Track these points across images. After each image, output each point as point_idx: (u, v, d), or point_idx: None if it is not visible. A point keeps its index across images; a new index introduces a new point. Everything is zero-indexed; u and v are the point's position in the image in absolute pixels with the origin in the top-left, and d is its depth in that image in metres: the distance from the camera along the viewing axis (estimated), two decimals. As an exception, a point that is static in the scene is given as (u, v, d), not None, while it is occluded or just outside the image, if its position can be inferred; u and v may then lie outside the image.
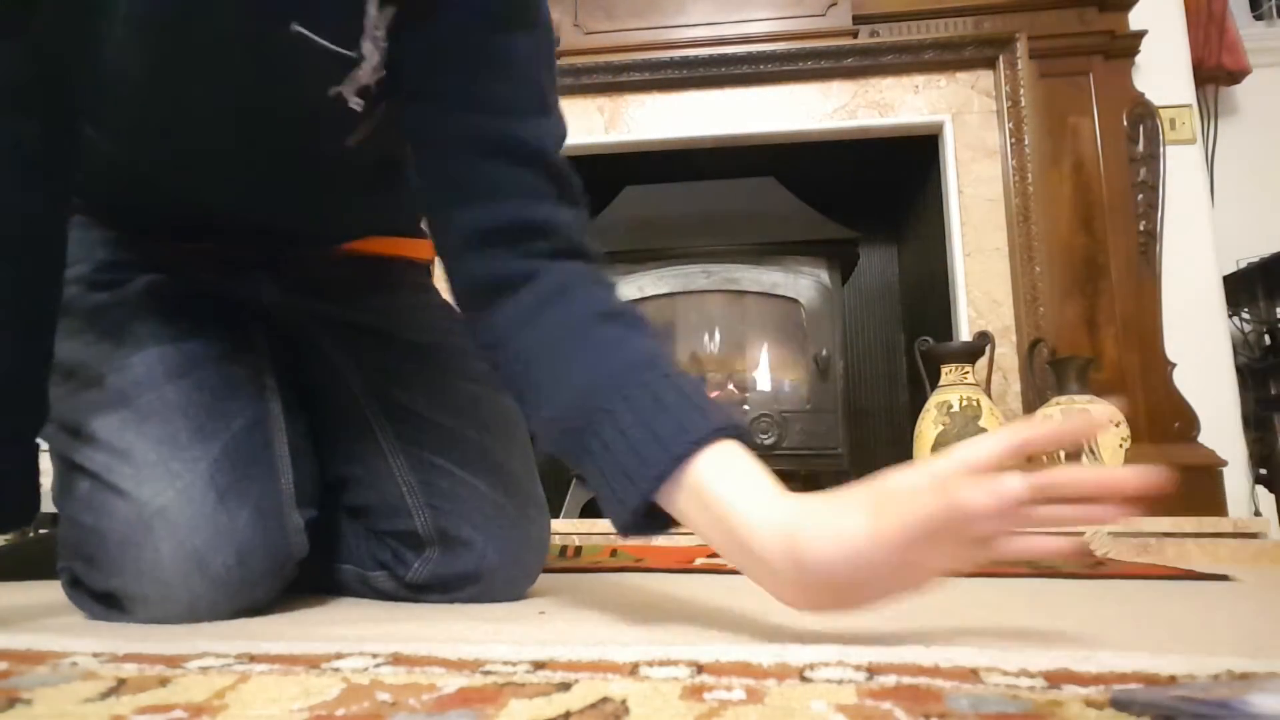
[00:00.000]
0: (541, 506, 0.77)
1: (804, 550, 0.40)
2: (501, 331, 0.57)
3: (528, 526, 0.73)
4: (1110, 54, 1.95)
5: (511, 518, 0.72)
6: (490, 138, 0.58)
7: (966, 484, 0.38)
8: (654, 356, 0.51)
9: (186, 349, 0.68)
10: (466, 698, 0.30)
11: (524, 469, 0.77)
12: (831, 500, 0.42)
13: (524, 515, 0.73)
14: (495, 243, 0.57)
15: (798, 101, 2.02)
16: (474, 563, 0.70)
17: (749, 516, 0.43)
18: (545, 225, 0.57)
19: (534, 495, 0.76)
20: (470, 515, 0.71)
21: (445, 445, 0.74)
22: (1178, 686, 0.30)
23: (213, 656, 0.38)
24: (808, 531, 0.41)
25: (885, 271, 2.52)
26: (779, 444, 1.85)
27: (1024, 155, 1.89)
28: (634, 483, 0.46)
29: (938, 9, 2.01)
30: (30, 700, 0.30)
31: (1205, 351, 1.86)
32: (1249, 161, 2.33)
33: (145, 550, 0.58)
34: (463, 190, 0.59)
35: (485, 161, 0.58)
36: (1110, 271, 1.89)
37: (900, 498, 0.40)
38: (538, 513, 0.75)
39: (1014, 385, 1.86)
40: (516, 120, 0.58)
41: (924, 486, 0.40)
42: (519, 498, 0.74)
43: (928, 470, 0.41)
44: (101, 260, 0.71)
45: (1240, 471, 1.81)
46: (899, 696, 0.29)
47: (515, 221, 0.57)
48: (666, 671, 0.33)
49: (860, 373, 2.47)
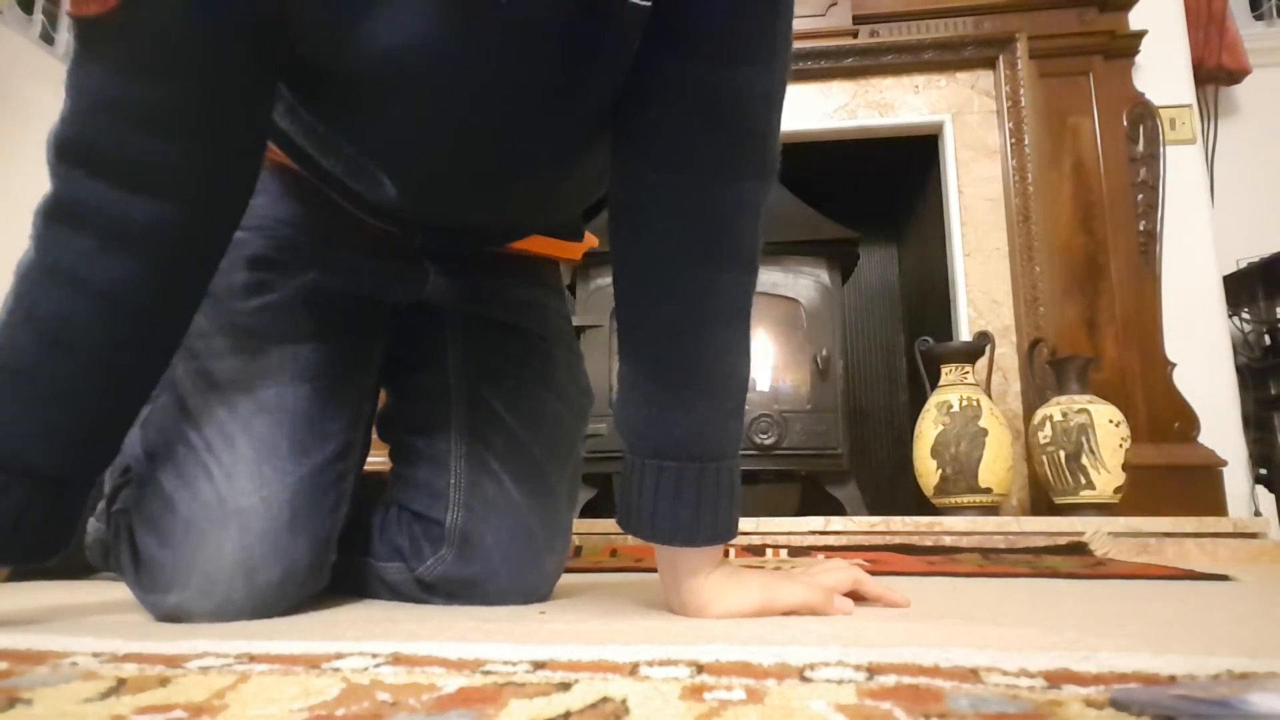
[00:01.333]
0: (567, 538, 0.76)
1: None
2: (643, 332, 0.60)
3: (549, 557, 0.73)
4: (1110, 54, 1.95)
5: (537, 545, 0.71)
6: (693, 85, 0.55)
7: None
8: (711, 450, 0.59)
9: (317, 354, 0.67)
10: (466, 698, 0.30)
11: (567, 498, 0.77)
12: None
13: (549, 546, 0.73)
14: (664, 220, 0.57)
15: (798, 101, 2.02)
16: (485, 575, 0.69)
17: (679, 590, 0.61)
18: (713, 209, 0.57)
19: (564, 526, 0.76)
20: (499, 530, 0.70)
21: (508, 454, 0.73)
22: (1178, 686, 0.30)
23: (213, 656, 0.38)
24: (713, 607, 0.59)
25: (885, 271, 2.52)
26: (779, 444, 1.85)
27: (1024, 155, 1.89)
28: (636, 530, 0.60)
29: (938, 9, 2.01)
30: (30, 700, 0.30)
31: (1205, 351, 1.86)
32: (1249, 161, 2.33)
33: (209, 541, 0.59)
34: (648, 149, 0.57)
35: (679, 118, 0.56)
36: (1110, 271, 1.89)
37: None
38: (562, 545, 0.75)
39: (1014, 385, 1.86)
40: (729, 66, 0.55)
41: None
42: (551, 527, 0.73)
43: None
44: (259, 255, 0.66)
45: (1240, 471, 1.81)
46: (899, 696, 0.29)
47: (687, 201, 0.56)
48: (666, 671, 0.33)
49: (860, 373, 2.47)
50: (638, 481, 0.59)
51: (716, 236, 0.57)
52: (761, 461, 1.85)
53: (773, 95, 0.58)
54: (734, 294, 0.59)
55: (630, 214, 0.59)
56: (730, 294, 0.59)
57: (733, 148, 0.57)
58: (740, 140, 0.57)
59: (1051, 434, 1.62)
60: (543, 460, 0.74)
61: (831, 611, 0.58)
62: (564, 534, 0.76)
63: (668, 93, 0.56)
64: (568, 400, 0.78)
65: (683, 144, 0.56)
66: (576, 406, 0.80)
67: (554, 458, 0.75)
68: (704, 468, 0.58)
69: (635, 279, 0.60)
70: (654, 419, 0.58)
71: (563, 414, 0.78)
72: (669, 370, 0.58)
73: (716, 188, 0.57)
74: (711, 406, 0.58)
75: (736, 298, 0.59)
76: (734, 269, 0.59)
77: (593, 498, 1.88)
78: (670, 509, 0.57)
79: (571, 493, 0.78)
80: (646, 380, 0.59)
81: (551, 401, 0.77)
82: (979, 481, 1.63)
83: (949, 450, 1.65)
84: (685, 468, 0.57)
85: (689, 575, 0.59)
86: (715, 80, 0.55)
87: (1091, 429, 1.58)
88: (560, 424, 0.77)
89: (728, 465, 0.59)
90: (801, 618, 0.56)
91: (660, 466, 0.58)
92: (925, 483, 1.70)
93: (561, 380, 0.79)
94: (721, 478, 0.59)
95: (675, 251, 0.57)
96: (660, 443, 0.58)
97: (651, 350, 0.59)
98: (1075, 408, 1.60)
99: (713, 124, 0.56)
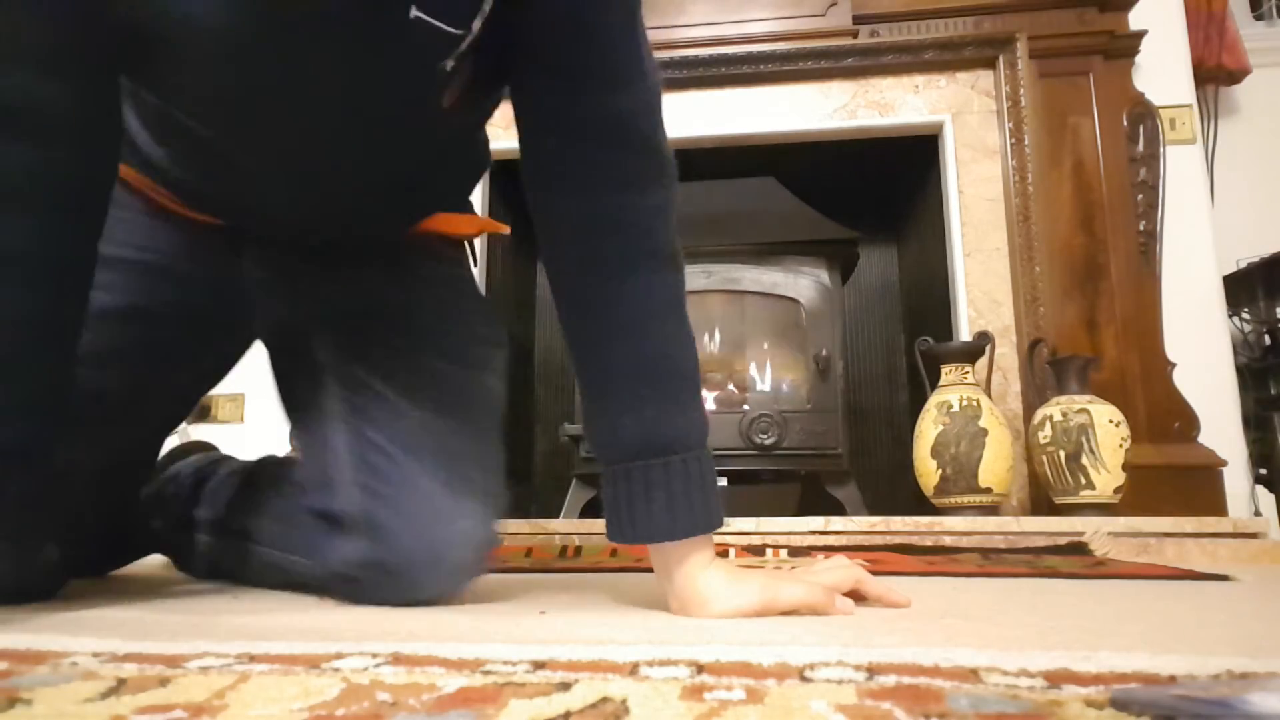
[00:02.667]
0: (486, 498, 0.71)
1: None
2: (582, 345, 0.63)
3: (458, 520, 0.67)
4: (1110, 54, 1.95)
5: (440, 509, 0.67)
6: (582, 115, 0.61)
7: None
8: (669, 444, 0.60)
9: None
10: (466, 697, 0.30)
11: (476, 455, 0.72)
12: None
13: (457, 507, 0.68)
14: (582, 237, 0.62)
15: (798, 101, 2.02)
16: (390, 553, 0.65)
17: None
18: (625, 219, 0.61)
19: (477, 485, 0.70)
20: (396, 501, 0.67)
21: (387, 422, 0.71)
22: (1177, 686, 0.30)
23: (213, 656, 0.38)
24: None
25: (885, 271, 2.52)
26: (779, 444, 1.85)
27: (1024, 155, 1.89)
28: (620, 537, 0.61)
29: (938, 9, 2.01)
30: (30, 700, 0.30)
31: (1205, 351, 1.86)
32: (1249, 161, 2.33)
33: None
34: (557, 175, 0.63)
35: (577, 145, 0.61)
36: (1110, 271, 1.89)
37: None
38: (477, 505, 0.69)
39: (1014, 385, 1.86)
40: (610, 92, 0.61)
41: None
42: (457, 486, 0.69)
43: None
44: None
45: (1240, 471, 1.81)
46: (899, 696, 0.29)
47: (600, 217, 0.61)
48: (666, 671, 0.33)
49: (860, 373, 2.47)
50: (610, 491, 0.61)
51: (635, 244, 0.61)
52: (761, 461, 1.85)
53: (653, 105, 0.64)
54: (663, 293, 0.62)
55: (551, 236, 0.64)
56: (659, 294, 0.61)
57: (632, 162, 0.62)
58: (637, 155, 0.62)
59: (1051, 434, 1.62)
60: (427, 420, 0.72)
61: (833, 611, 0.58)
62: (478, 493, 0.70)
63: (563, 124, 0.62)
64: (454, 353, 0.77)
65: (586, 167, 0.62)
66: (469, 356, 0.79)
67: (444, 415, 0.72)
68: (668, 462, 0.59)
69: (566, 295, 0.64)
70: (609, 427, 0.61)
71: (447, 369, 0.76)
72: (612, 377, 0.61)
73: (626, 200, 0.61)
74: (661, 402, 0.60)
75: (666, 296, 0.62)
76: (658, 270, 0.62)
77: (592, 497, 1.88)
78: (644, 509, 0.59)
79: (481, 447, 0.74)
80: (595, 391, 0.62)
81: (432, 362, 0.76)
82: (979, 481, 1.63)
83: (949, 450, 1.65)
84: (649, 466, 0.59)
85: (682, 573, 0.59)
86: (602, 106, 0.61)
87: (1091, 429, 1.58)
88: (446, 382, 0.75)
89: (694, 455, 0.60)
90: (801, 617, 0.56)
91: (627, 470, 0.60)
92: (925, 483, 1.70)
93: (441, 336, 0.78)
94: (690, 468, 0.59)
95: (599, 264, 0.61)
96: (620, 448, 0.60)
97: (594, 359, 0.62)
98: (1075, 408, 1.60)
99: (609, 144, 0.61)
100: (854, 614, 0.58)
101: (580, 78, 0.61)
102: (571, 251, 0.63)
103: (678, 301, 0.63)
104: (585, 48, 0.60)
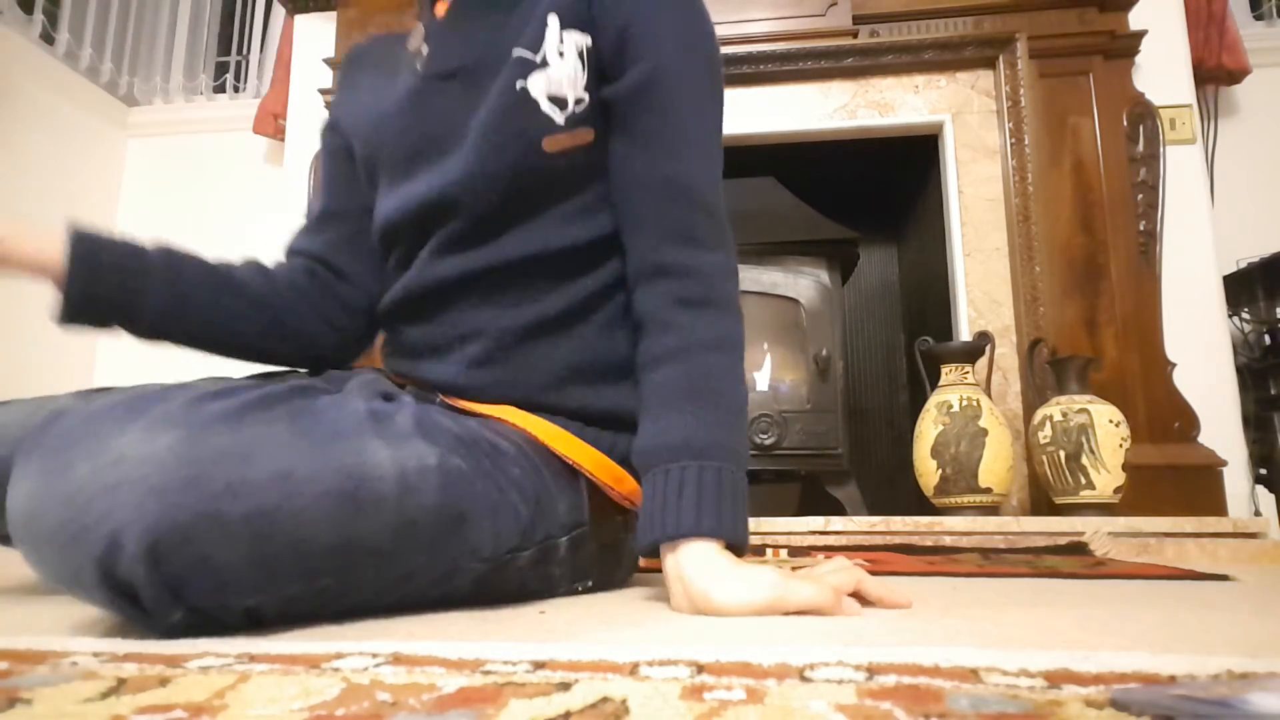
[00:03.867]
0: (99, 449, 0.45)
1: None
2: (640, 365, 0.69)
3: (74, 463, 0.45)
4: (1110, 54, 1.95)
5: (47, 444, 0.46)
6: (655, 176, 0.69)
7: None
8: (708, 451, 0.63)
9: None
10: (466, 697, 0.30)
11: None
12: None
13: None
14: (646, 277, 0.69)
15: (798, 101, 2.02)
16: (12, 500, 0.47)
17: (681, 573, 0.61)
18: (681, 268, 0.68)
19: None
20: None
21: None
22: (1177, 686, 0.30)
23: (213, 656, 0.38)
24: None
25: (885, 271, 2.52)
26: (779, 444, 1.85)
27: (1024, 155, 1.89)
28: (648, 537, 0.62)
29: (938, 9, 2.01)
30: (30, 700, 0.30)
31: (1205, 351, 1.86)
32: (1249, 161, 2.33)
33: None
34: (631, 221, 0.71)
35: (649, 196, 0.69)
36: (1110, 271, 1.89)
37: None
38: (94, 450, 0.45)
39: (1014, 385, 1.86)
40: (679, 162, 0.70)
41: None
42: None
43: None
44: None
45: (1240, 471, 1.81)
46: (899, 696, 0.29)
47: (659, 262, 0.68)
48: (666, 671, 0.33)
49: (860, 373, 2.47)
50: (649, 490, 0.63)
51: (702, 289, 0.68)
52: (761, 461, 1.85)
53: (716, 182, 0.72)
54: (719, 331, 0.67)
55: (635, 279, 0.71)
56: (715, 330, 0.67)
57: (694, 220, 0.69)
58: (699, 214, 0.69)
59: (1051, 434, 1.62)
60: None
61: (841, 612, 0.57)
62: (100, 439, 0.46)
63: (635, 181, 0.71)
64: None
65: (658, 220, 0.69)
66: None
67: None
68: (703, 466, 0.61)
69: (642, 325, 0.70)
70: (655, 432, 0.64)
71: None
72: (666, 391, 0.65)
73: (690, 253, 0.68)
74: (704, 414, 0.63)
75: (722, 334, 0.67)
76: (717, 313, 0.68)
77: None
78: (675, 503, 0.60)
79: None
80: (653, 402, 0.66)
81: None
82: (979, 481, 1.63)
83: (949, 450, 1.65)
84: (686, 467, 0.61)
85: (693, 564, 0.59)
86: (668, 169, 0.69)
87: (1091, 429, 1.58)
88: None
89: (729, 469, 0.62)
90: (800, 617, 0.56)
91: (665, 471, 0.62)
92: (925, 483, 1.70)
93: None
94: (724, 477, 0.61)
95: (670, 302, 0.68)
96: (660, 452, 0.63)
97: (652, 378, 0.67)
98: (1075, 408, 1.60)
99: (675, 201, 0.69)
100: (862, 615, 0.58)
101: (651, 142, 0.70)
102: (651, 292, 0.69)
103: (734, 342, 0.68)
104: (664, 124, 0.69)
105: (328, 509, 0.50)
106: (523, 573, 0.65)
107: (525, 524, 0.63)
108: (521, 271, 0.71)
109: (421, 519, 0.55)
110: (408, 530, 0.55)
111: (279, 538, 0.48)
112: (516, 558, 0.64)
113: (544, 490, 0.66)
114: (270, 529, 0.48)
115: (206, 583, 0.46)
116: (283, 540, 0.48)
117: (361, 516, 0.52)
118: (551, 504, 0.67)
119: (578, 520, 0.69)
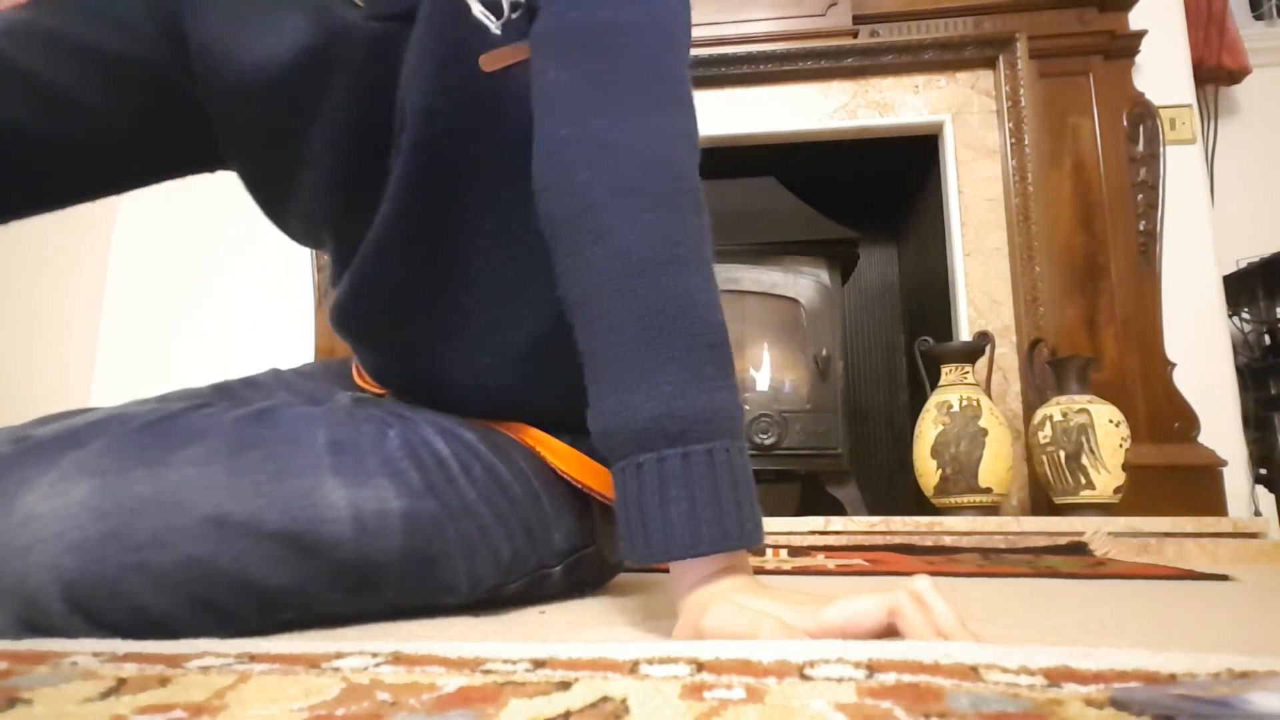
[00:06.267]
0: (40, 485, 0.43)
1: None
2: (578, 299, 0.50)
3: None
4: (1110, 54, 1.95)
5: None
6: (582, 31, 0.53)
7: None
8: (690, 429, 0.46)
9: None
10: (466, 697, 0.30)
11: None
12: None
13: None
14: (584, 163, 0.51)
15: (798, 101, 2.02)
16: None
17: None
18: (636, 143, 0.51)
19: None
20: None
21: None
22: (1178, 685, 0.30)
23: (213, 656, 0.38)
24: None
25: (885, 271, 2.52)
26: (779, 444, 1.85)
27: (1024, 155, 1.89)
28: (635, 555, 0.46)
29: (938, 9, 2.01)
30: (30, 700, 0.30)
31: (1205, 351, 1.86)
32: (1249, 161, 2.33)
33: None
34: (558, 100, 0.54)
35: (571, 64, 0.53)
36: (1110, 271, 1.89)
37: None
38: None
39: (1014, 385, 1.86)
40: (615, 11, 0.53)
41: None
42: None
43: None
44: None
45: (1240, 471, 1.81)
46: (899, 694, 0.29)
47: (604, 140, 0.51)
48: (666, 670, 0.33)
49: (860, 373, 2.47)
50: (620, 494, 0.47)
51: (653, 173, 0.50)
52: (761, 461, 1.85)
53: (673, 30, 0.55)
54: (682, 235, 0.48)
55: (546, 177, 0.51)
56: (677, 235, 0.48)
57: (640, 75, 0.52)
58: (645, 66, 0.52)
59: (1051, 434, 1.62)
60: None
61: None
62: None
63: (554, 46, 0.53)
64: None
65: (583, 84, 0.51)
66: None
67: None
68: (687, 452, 0.44)
69: (563, 235, 0.50)
70: (614, 406, 0.46)
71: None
72: (615, 339, 0.46)
73: (635, 120, 0.51)
74: (681, 371, 0.45)
75: (687, 240, 0.48)
76: (681, 209, 0.49)
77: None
78: (659, 515, 0.44)
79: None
80: (595, 360, 0.48)
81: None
82: (979, 481, 1.63)
83: (949, 450, 1.65)
84: (664, 459, 0.44)
85: (691, 588, 0.46)
86: (596, 22, 0.52)
87: (1091, 429, 1.58)
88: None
89: (722, 446, 0.45)
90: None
91: (638, 464, 0.45)
92: (925, 483, 1.70)
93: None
94: (716, 461, 0.45)
95: (607, 193, 0.48)
96: (627, 435, 0.45)
97: (593, 316, 0.47)
98: (1075, 408, 1.60)
99: (609, 55, 0.51)
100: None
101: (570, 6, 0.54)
102: (570, 178, 0.50)
103: (700, 250, 0.49)
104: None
105: (272, 552, 0.47)
106: (514, 597, 0.61)
107: (507, 562, 0.59)
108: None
109: (385, 561, 0.52)
110: (372, 570, 0.52)
111: (223, 583, 0.46)
112: (501, 592, 0.60)
113: (538, 520, 0.61)
114: (210, 575, 0.45)
115: (153, 630, 0.44)
116: (227, 585, 0.46)
117: (315, 558, 0.49)
118: (545, 534, 0.61)
119: (577, 545, 0.64)
